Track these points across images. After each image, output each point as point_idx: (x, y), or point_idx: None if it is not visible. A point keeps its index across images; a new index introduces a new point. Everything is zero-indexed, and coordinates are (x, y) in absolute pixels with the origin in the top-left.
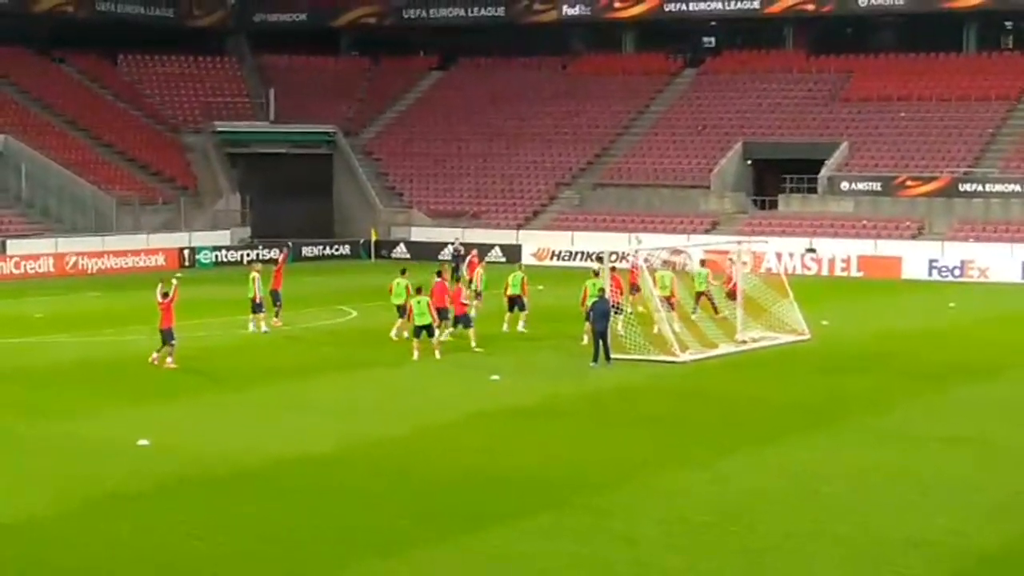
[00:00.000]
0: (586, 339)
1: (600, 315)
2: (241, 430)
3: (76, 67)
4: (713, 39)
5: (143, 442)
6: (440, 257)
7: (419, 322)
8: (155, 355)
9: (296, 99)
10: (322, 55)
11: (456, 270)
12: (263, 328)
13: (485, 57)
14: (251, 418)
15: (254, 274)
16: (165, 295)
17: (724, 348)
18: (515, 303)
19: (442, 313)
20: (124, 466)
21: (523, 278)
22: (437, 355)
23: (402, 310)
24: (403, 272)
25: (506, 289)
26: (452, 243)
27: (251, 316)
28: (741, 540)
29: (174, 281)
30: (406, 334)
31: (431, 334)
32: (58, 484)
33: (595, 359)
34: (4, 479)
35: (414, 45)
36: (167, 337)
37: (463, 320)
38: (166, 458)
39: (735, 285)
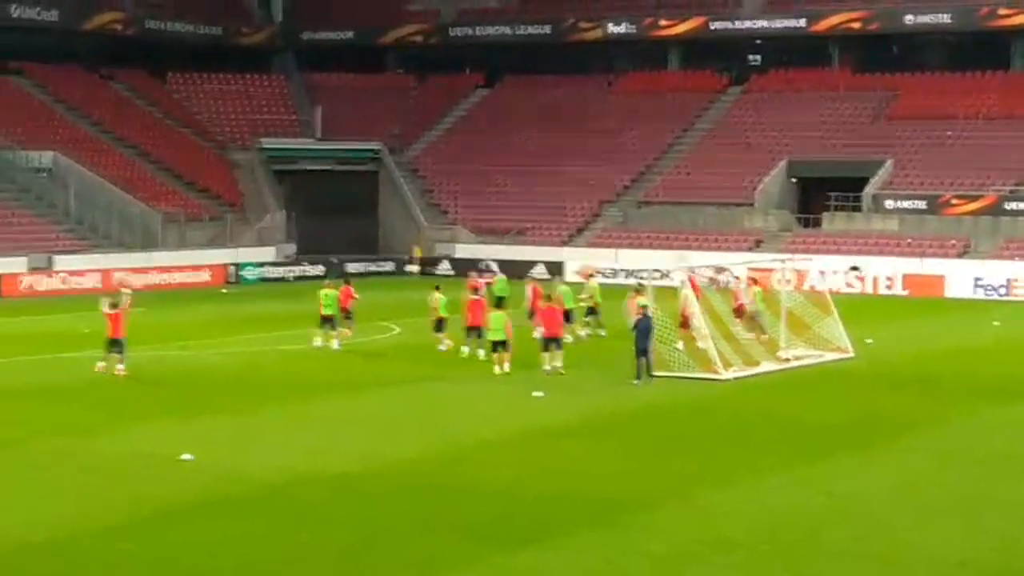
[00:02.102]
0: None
1: (643, 332)
2: (283, 445)
3: (125, 84)
4: (759, 57)
5: (187, 457)
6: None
7: (493, 337)
8: (100, 364)
9: (342, 116)
10: (368, 72)
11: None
12: (334, 345)
13: (530, 75)
14: (293, 433)
15: (328, 291)
16: (114, 306)
17: (767, 366)
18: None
19: (476, 331)
20: (168, 481)
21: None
22: (506, 368)
23: (440, 324)
24: (437, 288)
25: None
26: (482, 261)
27: (320, 331)
28: (781, 560)
29: (125, 292)
30: (442, 347)
31: (507, 348)
32: (102, 500)
33: (638, 376)
34: (48, 495)
35: (460, 63)
36: (115, 346)
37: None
38: (210, 473)
39: (742, 304)
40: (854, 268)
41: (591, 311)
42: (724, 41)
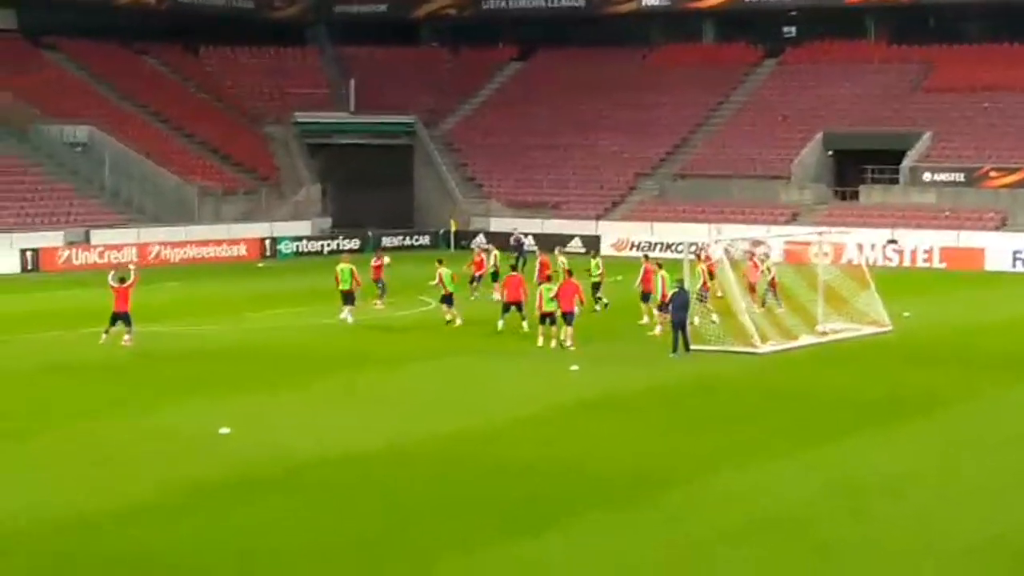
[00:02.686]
0: (659, 330)
1: (680, 306)
2: (320, 420)
3: (159, 59)
4: (794, 29)
5: (224, 430)
6: (474, 245)
7: (546, 308)
8: (105, 335)
9: (376, 90)
10: (402, 46)
11: (519, 259)
12: (349, 319)
13: (565, 48)
14: (330, 408)
15: (344, 265)
16: (121, 280)
17: (805, 339)
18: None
19: (517, 306)
20: (206, 455)
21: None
22: (562, 343)
23: (448, 299)
24: (440, 262)
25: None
26: (513, 232)
27: (344, 307)
28: (817, 536)
29: (132, 267)
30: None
31: (552, 322)
32: (141, 474)
33: (674, 349)
34: (87, 471)
35: (494, 35)
36: (122, 319)
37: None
38: (247, 447)
39: (754, 279)
40: (892, 241)
41: (596, 286)
42: (759, 13)
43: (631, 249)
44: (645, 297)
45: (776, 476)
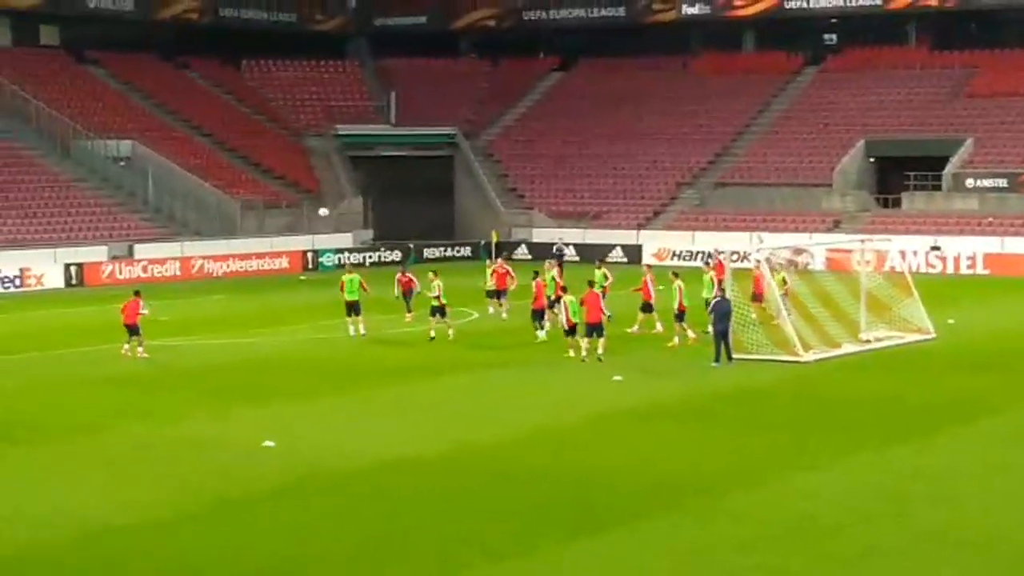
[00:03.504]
0: (676, 340)
1: (721, 315)
2: (362, 431)
3: (200, 73)
4: (834, 36)
5: (269, 443)
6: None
7: (573, 319)
8: (126, 347)
9: (417, 102)
10: (442, 57)
11: (559, 267)
12: (361, 331)
13: (605, 57)
14: (372, 419)
15: (350, 276)
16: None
17: (848, 347)
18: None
19: (539, 314)
20: (251, 467)
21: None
22: (597, 355)
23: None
24: (435, 273)
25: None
26: (556, 243)
27: (349, 318)
28: (863, 542)
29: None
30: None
31: (573, 333)
32: (186, 486)
33: (716, 359)
34: (133, 482)
35: (534, 46)
36: (134, 332)
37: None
38: (292, 459)
39: (762, 290)
40: (935, 248)
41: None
42: (799, 21)
43: (672, 259)
44: (645, 307)
45: (821, 482)
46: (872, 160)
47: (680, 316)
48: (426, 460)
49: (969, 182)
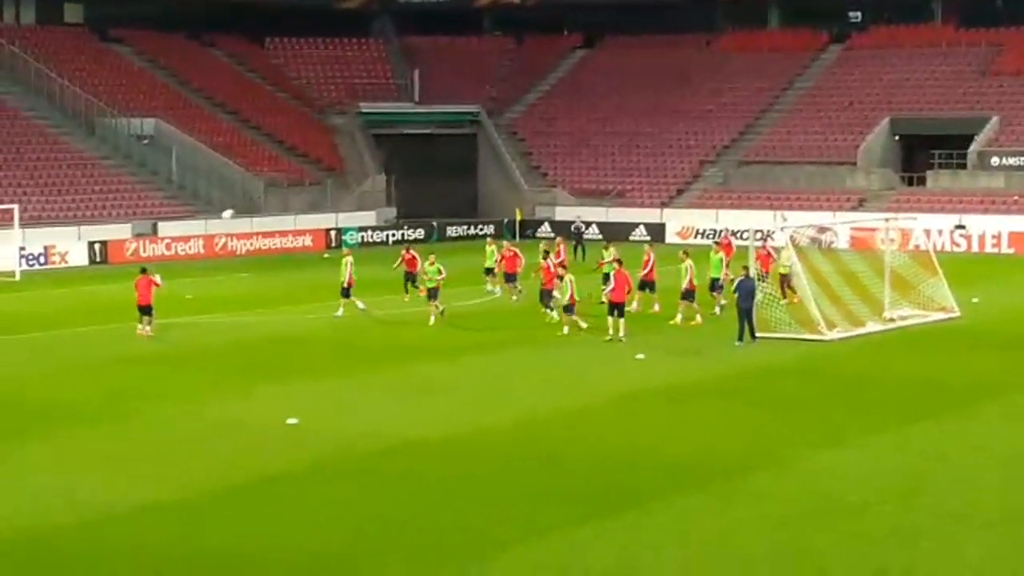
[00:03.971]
0: (679, 318)
1: (746, 293)
2: (386, 409)
3: (224, 51)
4: (860, 13)
5: (292, 421)
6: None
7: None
8: (140, 328)
9: (440, 80)
10: (466, 35)
11: (578, 247)
12: (362, 306)
13: (629, 35)
14: (396, 397)
15: (348, 259)
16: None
17: (872, 326)
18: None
19: (548, 294)
20: (275, 445)
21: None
22: (566, 331)
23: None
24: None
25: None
26: (575, 220)
27: (341, 301)
28: (889, 522)
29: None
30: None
31: (571, 312)
32: (211, 464)
33: (740, 337)
34: (157, 460)
35: (558, 24)
36: (148, 311)
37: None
38: (315, 437)
39: (768, 268)
40: (959, 227)
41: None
42: None
43: (696, 236)
44: (643, 285)
45: (845, 462)
46: (897, 138)
47: (688, 295)
48: (447, 440)
49: (994, 160)
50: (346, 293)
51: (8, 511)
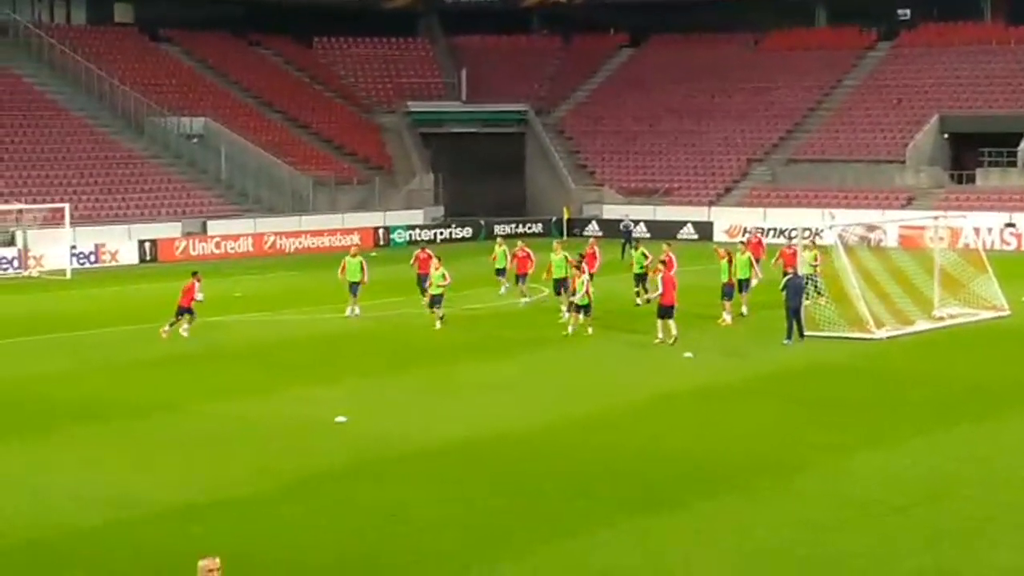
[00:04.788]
0: (728, 317)
1: (794, 291)
2: (432, 408)
3: (272, 50)
4: (908, 11)
5: (341, 419)
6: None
7: (581, 301)
8: (173, 327)
9: (488, 78)
10: (513, 34)
11: (626, 246)
12: (356, 312)
13: (676, 33)
14: (442, 396)
15: (355, 258)
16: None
17: (921, 325)
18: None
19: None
20: (324, 444)
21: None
22: (590, 331)
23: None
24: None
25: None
26: (623, 219)
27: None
28: (928, 523)
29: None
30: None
31: (588, 312)
32: (260, 462)
33: (788, 336)
34: (207, 457)
35: (605, 23)
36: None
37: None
38: (364, 436)
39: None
40: (1009, 225)
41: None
42: None
43: (744, 235)
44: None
45: (891, 463)
46: (946, 136)
47: (727, 292)
48: (492, 439)
49: None
50: (355, 290)
51: (43, 507)
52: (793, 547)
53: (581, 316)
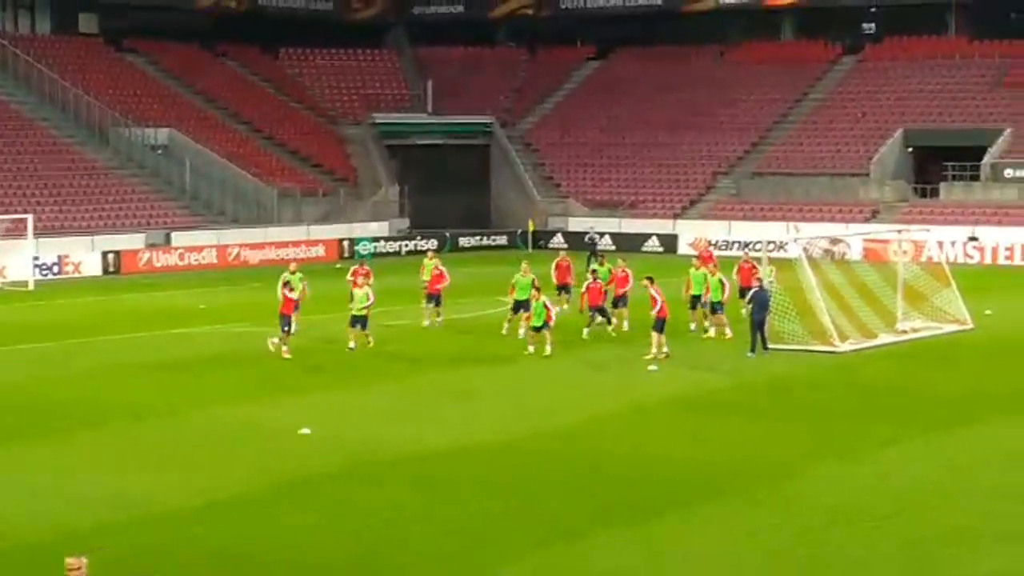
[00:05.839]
0: (695, 327)
1: (760, 305)
2: (401, 420)
3: (238, 61)
4: (873, 25)
5: (304, 430)
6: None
7: (536, 323)
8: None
9: (454, 90)
10: (479, 46)
11: (592, 259)
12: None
13: (642, 46)
14: (410, 408)
15: (295, 275)
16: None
17: (885, 338)
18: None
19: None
20: (287, 454)
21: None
22: (548, 350)
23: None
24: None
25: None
26: (588, 231)
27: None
28: (902, 533)
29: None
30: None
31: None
32: (224, 471)
33: (752, 349)
34: (173, 465)
35: (571, 35)
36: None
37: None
38: (328, 446)
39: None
40: (972, 239)
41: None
42: (838, 10)
43: (709, 248)
44: (615, 302)
45: (861, 473)
46: (910, 150)
47: (714, 308)
48: (462, 450)
49: (1008, 172)
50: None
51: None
52: (769, 557)
53: (546, 333)
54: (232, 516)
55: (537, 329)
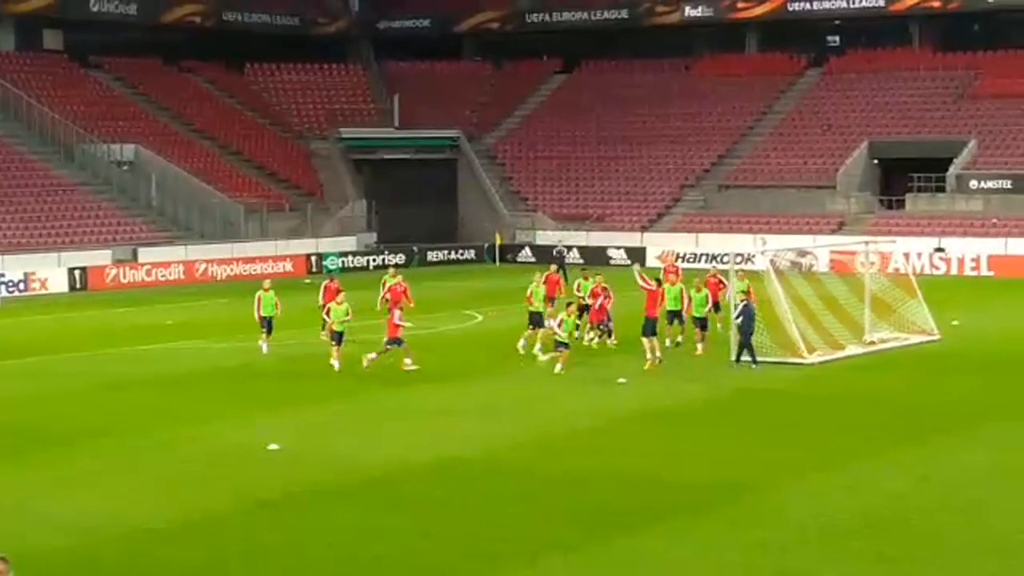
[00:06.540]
0: (670, 343)
1: (749, 317)
2: (371, 436)
3: (204, 77)
4: (838, 38)
5: (273, 447)
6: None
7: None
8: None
9: (420, 105)
10: (445, 60)
11: (561, 271)
12: (267, 348)
13: (608, 60)
14: (380, 424)
15: (269, 293)
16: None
17: (852, 349)
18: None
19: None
20: (255, 471)
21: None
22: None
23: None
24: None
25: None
26: (556, 245)
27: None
28: (877, 546)
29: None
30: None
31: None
32: (190, 489)
33: (737, 359)
34: (138, 483)
35: (537, 49)
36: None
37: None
38: (296, 463)
39: (718, 298)
40: (939, 250)
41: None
42: (803, 23)
43: (677, 260)
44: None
45: (832, 486)
46: (876, 162)
47: (699, 323)
48: (437, 465)
49: (973, 183)
50: (269, 326)
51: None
52: (744, 569)
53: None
54: (204, 535)
55: (564, 345)
